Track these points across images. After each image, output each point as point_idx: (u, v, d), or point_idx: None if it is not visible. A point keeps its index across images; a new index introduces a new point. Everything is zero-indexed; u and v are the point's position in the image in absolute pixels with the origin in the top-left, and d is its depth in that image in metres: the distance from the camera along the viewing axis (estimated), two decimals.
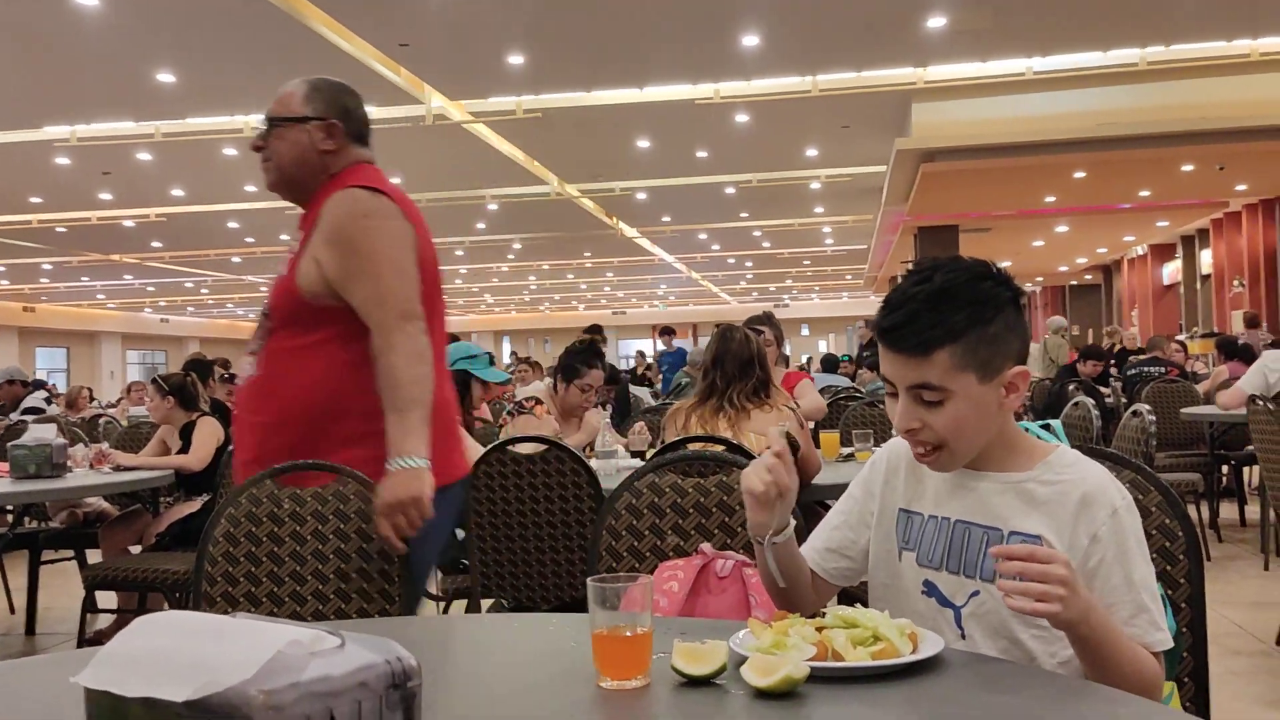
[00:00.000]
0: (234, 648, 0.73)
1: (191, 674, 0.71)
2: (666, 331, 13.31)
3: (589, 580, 1.21)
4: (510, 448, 3.14)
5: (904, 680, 1.18)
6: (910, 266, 1.53)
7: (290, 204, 2.33)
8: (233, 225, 18.54)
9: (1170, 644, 1.46)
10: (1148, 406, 3.47)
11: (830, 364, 11.91)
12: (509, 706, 1.16)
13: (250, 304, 32.17)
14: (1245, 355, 8.27)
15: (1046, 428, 1.80)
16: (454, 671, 1.31)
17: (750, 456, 2.63)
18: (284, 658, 0.72)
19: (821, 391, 6.05)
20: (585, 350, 4.04)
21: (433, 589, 3.76)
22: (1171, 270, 21.45)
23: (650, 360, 15.55)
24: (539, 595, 3.13)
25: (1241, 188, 15.32)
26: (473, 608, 3.36)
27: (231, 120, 11.91)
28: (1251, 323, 11.95)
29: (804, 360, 23.55)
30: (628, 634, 1.19)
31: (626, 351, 37.19)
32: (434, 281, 2.23)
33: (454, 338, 4.09)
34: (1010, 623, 1.45)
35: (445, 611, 3.74)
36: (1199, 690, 1.68)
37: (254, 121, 11.50)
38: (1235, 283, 17.88)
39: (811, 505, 3.69)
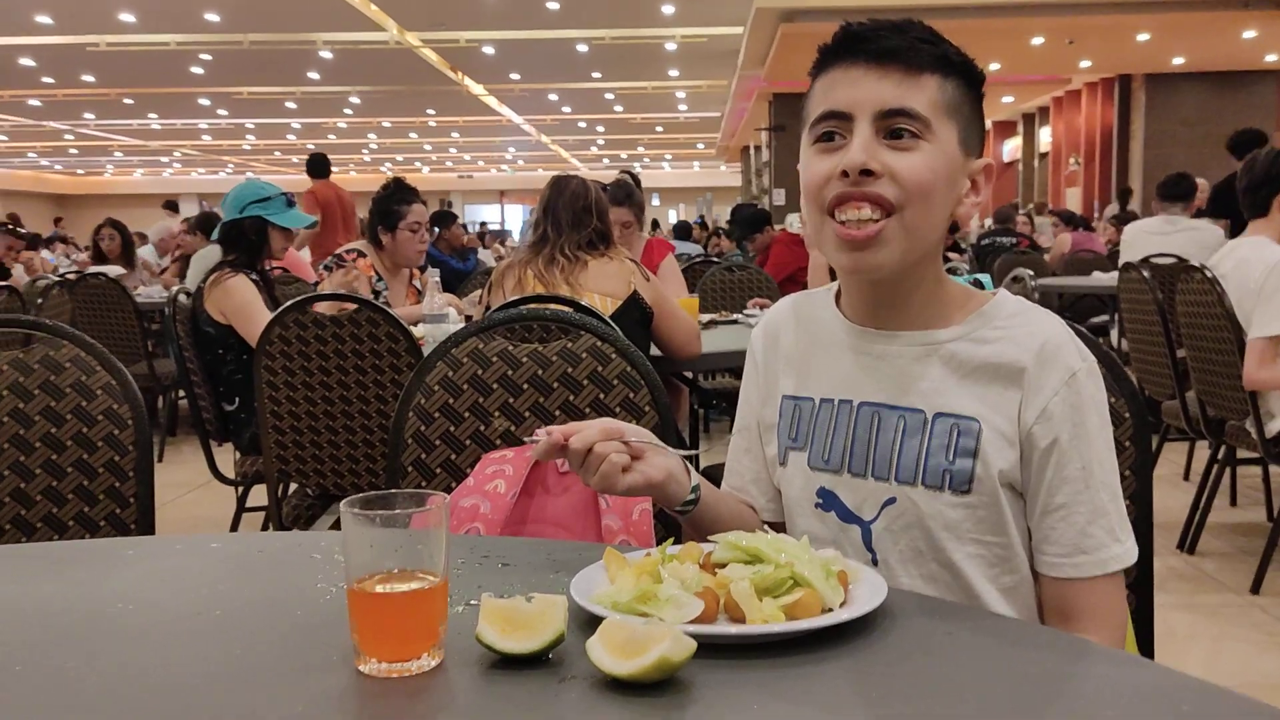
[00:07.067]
0: None
1: None
2: None
3: (342, 505, 0.75)
4: (313, 308, 2.60)
5: (832, 648, 0.78)
6: None
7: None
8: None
9: (1135, 556, 1.12)
10: (1030, 272, 3.19)
11: (683, 231, 11.55)
12: (190, 713, 0.71)
13: (53, 154, 29.34)
14: (1084, 225, 8.33)
15: (977, 284, 1.42)
16: (115, 647, 0.83)
17: (596, 315, 2.18)
18: None
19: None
20: (395, 188, 3.41)
21: (230, 472, 3.24)
22: (1012, 147, 21.87)
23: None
24: (349, 483, 2.65)
25: (1086, 64, 15.48)
26: (271, 496, 2.85)
27: None
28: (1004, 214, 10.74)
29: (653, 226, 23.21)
30: (405, 587, 0.75)
31: (473, 217, 35.96)
32: None
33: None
34: (940, 536, 1.08)
35: (243, 499, 3.22)
36: (1140, 609, 1.36)
37: None
38: (1072, 160, 18.32)
39: (668, 378, 3.31)
